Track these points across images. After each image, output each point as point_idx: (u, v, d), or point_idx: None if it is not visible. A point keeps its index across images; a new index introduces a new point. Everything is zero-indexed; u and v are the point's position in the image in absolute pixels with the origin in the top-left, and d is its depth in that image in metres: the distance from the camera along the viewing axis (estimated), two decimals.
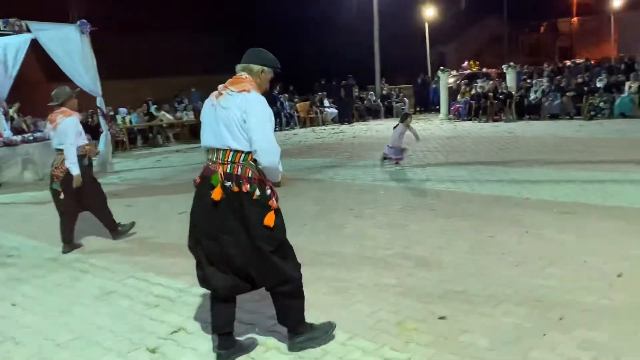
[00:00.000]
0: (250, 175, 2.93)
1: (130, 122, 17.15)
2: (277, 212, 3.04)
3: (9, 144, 10.40)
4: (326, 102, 21.17)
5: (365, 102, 21.96)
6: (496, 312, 3.53)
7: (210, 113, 2.99)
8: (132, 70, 25.06)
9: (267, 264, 2.99)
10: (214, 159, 2.97)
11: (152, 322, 3.72)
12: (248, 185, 2.91)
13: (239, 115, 2.86)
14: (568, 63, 22.35)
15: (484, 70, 23.31)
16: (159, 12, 27.01)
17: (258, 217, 2.93)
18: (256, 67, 3.09)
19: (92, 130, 14.69)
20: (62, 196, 5.53)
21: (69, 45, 10.72)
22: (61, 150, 5.51)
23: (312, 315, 3.39)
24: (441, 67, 20.83)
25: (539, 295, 3.74)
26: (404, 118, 10.11)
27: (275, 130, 3.11)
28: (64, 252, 5.59)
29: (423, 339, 3.24)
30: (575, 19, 36.95)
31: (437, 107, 20.46)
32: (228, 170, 2.92)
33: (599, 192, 6.67)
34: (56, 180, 5.53)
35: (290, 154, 12.50)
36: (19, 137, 10.79)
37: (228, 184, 2.90)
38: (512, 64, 19.29)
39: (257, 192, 2.93)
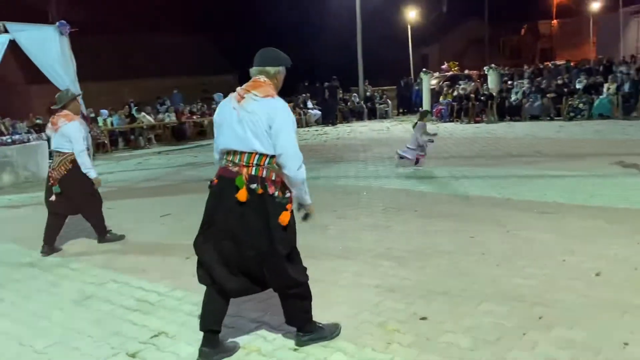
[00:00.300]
0: (274, 178, 2.99)
1: (112, 124, 16.98)
2: (291, 215, 3.09)
3: None
4: (309, 104, 21.17)
5: (348, 103, 22.01)
6: (477, 312, 3.56)
7: (231, 116, 3.01)
8: (114, 71, 24.85)
9: (280, 267, 3.04)
10: (237, 161, 3.00)
11: (133, 327, 3.68)
12: (273, 187, 2.98)
13: (264, 120, 2.93)
14: (549, 64, 22.64)
15: (466, 72, 23.51)
16: (141, 13, 26.81)
17: (278, 220, 2.98)
18: (273, 70, 3.15)
19: None
20: (52, 198, 5.55)
21: (48, 47, 10.55)
22: (59, 152, 5.56)
23: None
24: (424, 69, 20.98)
25: (520, 295, 3.78)
26: (424, 115, 9.83)
27: None
28: (43, 253, 5.54)
29: (405, 339, 3.25)
30: (555, 21, 37.44)
31: (420, 108, 20.57)
32: (253, 173, 2.96)
33: (579, 192, 6.76)
34: (52, 182, 5.56)
35: None
36: None
37: (253, 186, 2.95)
38: (493, 65, 19.50)
39: (280, 195, 3.00)
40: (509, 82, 18.96)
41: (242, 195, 2.92)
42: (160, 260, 5.13)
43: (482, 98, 17.66)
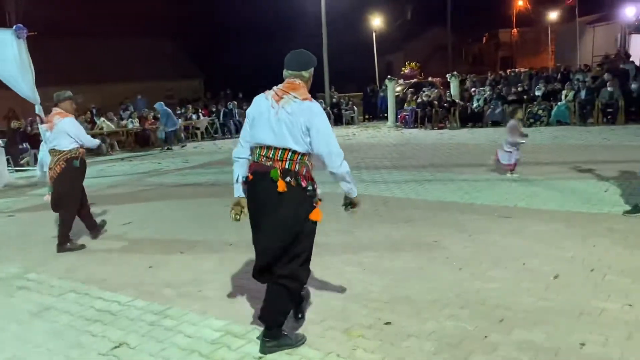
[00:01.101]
0: (304, 173, 3.18)
1: None
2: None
3: None
4: None
5: None
6: (440, 316, 3.60)
7: (269, 114, 3.18)
8: (76, 76, 24.30)
9: (295, 257, 3.21)
10: (270, 156, 3.16)
11: (93, 338, 3.59)
12: (306, 182, 3.17)
13: (302, 123, 3.12)
14: (512, 72, 23.21)
15: (430, 79, 23.89)
16: (104, 17, 26.33)
17: (307, 212, 3.19)
18: (307, 73, 3.38)
19: (31, 139, 14.14)
20: (46, 198, 5.82)
21: (4, 51, 10.25)
22: (55, 150, 5.74)
23: (259, 324, 3.35)
24: (388, 76, 21.22)
25: (481, 298, 3.84)
26: (514, 112, 9.10)
27: (225, 138, 3.14)
28: (94, 237, 6.04)
29: (369, 345, 3.26)
30: (515, 30, 38.45)
31: (385, 114, 20.81)
32: (286, 167, 3.14)
33: (538, 196, 6.94)
34: (49, 183, 5.80)
35: None
36: None
37: (287, 179, 3.12)
38: (455, 73, 19.86)
39: (310, 189, 3.19)
40: (473, 90, 19.34)
41: (281, 186, 3.10)
42: (122, 269, 5.02)
43: (445, 105, 17.96)
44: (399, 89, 21.87)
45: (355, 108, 23.33)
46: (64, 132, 5.67)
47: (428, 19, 36.31)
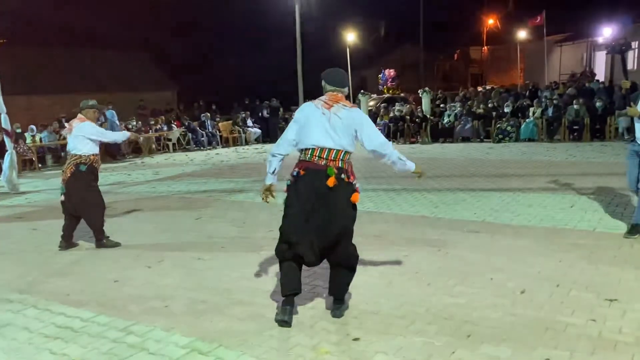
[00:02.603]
0: (351, 170, 3.77)
1: (41, 140, 16.19)
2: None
3: None
4: (249, 122, 21.07)
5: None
6: (408, 332, 3.60)
7: (321, 119, 3.70)
8: (45, 85, 23.83)
9: (349, 241, 3.80)
10: (324, 156, 3.68)
11: (52, 356, 3.47)
12: (353, 177, 3.76)
13: (352, 125, 3.72)
14: (480, 89, 23.63)
15: (402, 94, 24.15)
16: (75, 27, 25.94)
17: (352, 203, 3.74)
18: (346, 89, 3.92)
19: None
20: (62, 198, 6.08)
21: None
22: (70, 154, 6.05)
23: (228, 342, 3.29)
24: (362, 91, 21.39)
25: (449, 314, 3.86)
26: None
27: (198, 149, 3.23)
28: (60, 248, 6.08)
29: None
30: (485, 47, 39.26)
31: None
32: (339, 165, 3.69)
33: (506, 211, 7.04)
34: (62, 184, 6.09)
35: (210, 174, 12.28)
36: None
37: (342, 176, 3.68)
38: (427, 88, 20.13)
39: (355, 184, 3.76)
40: (442, 105, 19.62)
41: (331, 181, 3.63)
42: (86, 283, 4.89)
43: (416, 120, 18.17)
44: (372, 103, 22.07)
45: None
46: (81, 135, 5.97)
47: (401, 36, 36.83)
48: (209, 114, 20.39)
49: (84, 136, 6.00)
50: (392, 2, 32.98)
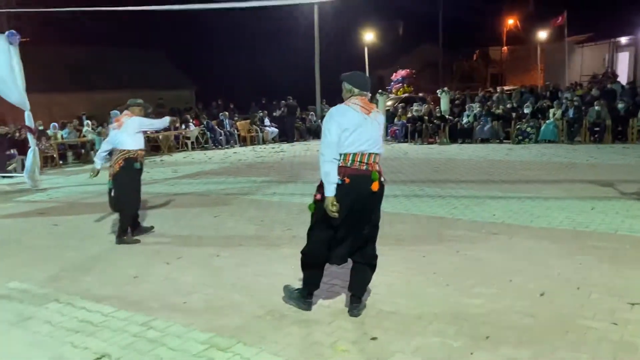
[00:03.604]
0: (381, 170, 3.88)
1: (62, 137, 16.43)
2: None
3: None
4: (267, 121, 21.15)
5: (306, 122, 22.11)
6: (426, 332, 3.59)
7: (366, 124, 3.72)
8: (67, 83, 24.18)
9: (374, 242, 3.92)
10: (365, 160, 3.72)
11: (74, 349, 3.53)
12: (383, 179, 3.83)
13: (382, 129, 3.89)
14: (506, 88, 23.38)
15: (420, 94, 24.03)
16: (95, 26, 26.23)
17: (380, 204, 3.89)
18: (369, 94, 3.97)
19: (19, 145, 14.00)
20: (112, 193, 6.19)
21: None
22: (117, 149, 6.16)
23: (247, 338, 3.31)
24: (380, 90, 21.32)
25: (468, 314, 3.84)
26: None
27: (216, 148, 3.22)
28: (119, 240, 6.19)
29: None
30: (505, 48, 38.87)
31: None
32: (377, 169, 3.79)
33: (525, 213, 6.97)
34: (110, 178, 6.21)
35: (228, 172, 12.36)
36: None
37: (382, 179, 3.79)
38: (446, 88, 20.00)
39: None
40: (461, 106, 19.45)
41: (375, 185, 3.73)
42: (107, 279, 4.96)
43: (435, 120, 18.06)
44: (389, 103, 21.99)
45: None
46: (132, 130, 6.11)
47: (420, 35, 36.62)
48: (227, 113, 20.51)
49: (133, 130, 6.13)
50: (411, 1, 32.82)
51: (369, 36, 27.71)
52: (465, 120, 17.85)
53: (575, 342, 3.37)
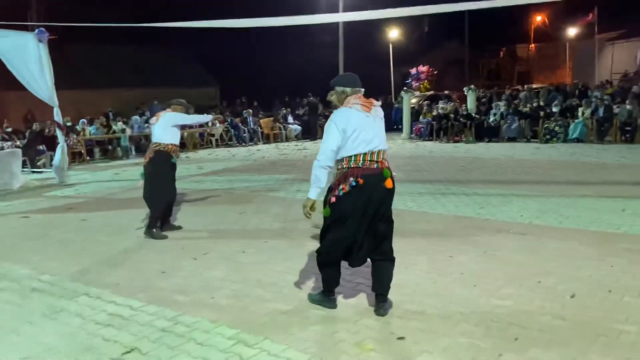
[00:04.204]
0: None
1: (90, 133, 16.71)
2: None
3: None
4: (290, 119, 21.21)
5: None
6: (454, 332, 3.56)
7: (369, 121, 3.74)
8: (94, 80, 24.60)
9: (390, 237, 3.92)
10: (375, 158, 3.73)
11: (104, 342, 3.58)
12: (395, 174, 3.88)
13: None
14: (534, 86, 23.03)
15: (446, 92, 23.82)
16: (122, 23, 26.57)
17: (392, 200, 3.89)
18: (362, 89, 3.96)
19: (49, 141, 14.30)
20: (139, 184, 6.44)
21: (26, 54, 10.42)
22: (152, 142, 6.38)
23: (274, 334, 3.33)
24: (404, 88, 21.19)
25: (496, 316, 3.79)
26: None
27: (240, 145, 3.24)
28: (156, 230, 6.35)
29: (381, 359, 3.22)
30: (532, 45, 38.29)
31: (400, 126, 20.76)
32: (387, 165, 3.81)
33: (554, 213, 6.86)
34: (143, 169, 6.39)
35: (252, 170, 12.43)
36: None
37: (393, 174, 3.82)
38: (472, 86, 19.78)
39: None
40: (491, 104, 19.20)
41: (389, 183, 3.76)
42: (135, 273, 5.03)
43: (461, 119, 17.88)
44: (414, 100, 21.84)
45: None
46: (166, 123, 6.27)
47: (445, 33, 36.30)
48: (250, 111, 20.63)
49: (167, 124, 6.29)
50: None
51: (393, 33, 27.56)
52: (491, 118, 17.63)
53: (607, 346, 3.30)
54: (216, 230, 6.67)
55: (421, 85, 24.57)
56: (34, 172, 13.21)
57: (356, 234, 3.76)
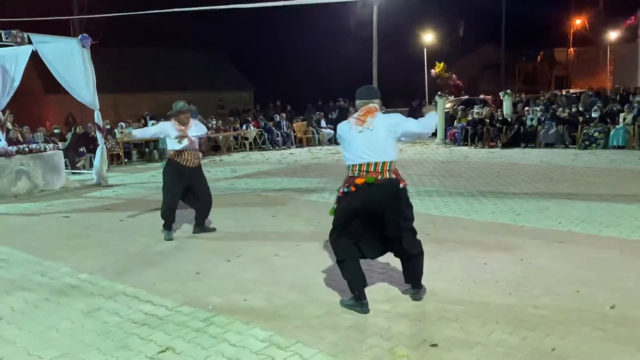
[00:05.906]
0: (400, 176, 4.11)
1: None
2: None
3: (3, 154, 10.32)
4: (323, 123, 21.25)
5: None
6: (489, 341, 3.50)
7: (358, 136, 3.96)
8: (133, 84, 25.17)
9: (410, 237, 4.10)
10: (375, 170, 3.97)
11: (140, 341, 3.66)
12: (404, 182, 4.09)
13: (393, 131, 4.03)
14: (572, 91, 22.51)
15: (481, 96, 23.49)
16: (159, 28, 27.18)
17: (408, 203, 4.12)
18: (376, 100, 4.14)
19: (89, 144, 14.69)
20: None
21: (69, 59, 10.75)
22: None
23: (306, 338, 3.33)
24: (439, 92, 20.98)
25: (532, 325, 3.71)
26: None
27: (273, 149, 3.30)
28: (194, 232, 6.71)
29: None
30: (572, 49, 37.42)
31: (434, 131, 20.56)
32: (388, 177, 3.99)
33: (594, 222, 6.68)
34: None
35: (285, 173, 12.50)
36: (14, 148, 10.70)
37: (396, 177, 4.02)
38: (509, 91, 19.44)
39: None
40: (526, 109, 18.83)
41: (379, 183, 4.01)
42: (170, 274, 5.12)
43: (496, 124, 17.58)
44: (449, 105, 21.60)
45: None
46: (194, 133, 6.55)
47: (481, 36, 35.84)
48: (284, 115, 20.77)
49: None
50: (473, 1, 32.11)
51: (428, 36, 27.34)
52: (528, 123, 17.29)
53: None
54: (249, 232, 6.73)
55: (436, 69, 24.21)
56: (74, 173, 13.58)
57: (357, 234, 4.03)
